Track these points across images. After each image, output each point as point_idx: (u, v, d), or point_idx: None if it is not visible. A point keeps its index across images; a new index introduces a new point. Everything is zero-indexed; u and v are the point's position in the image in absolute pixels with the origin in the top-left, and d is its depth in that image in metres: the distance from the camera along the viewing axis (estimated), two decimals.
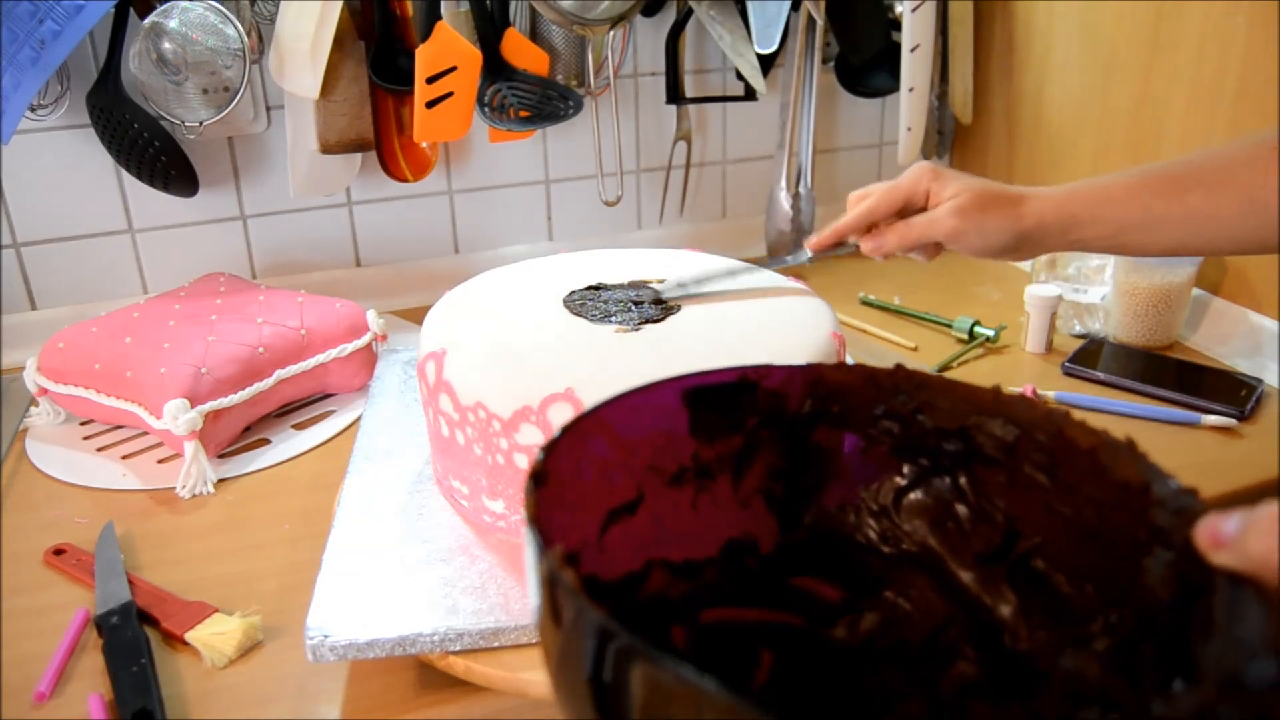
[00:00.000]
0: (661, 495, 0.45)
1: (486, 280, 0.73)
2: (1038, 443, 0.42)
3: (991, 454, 0.43)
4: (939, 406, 0.45)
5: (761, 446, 0.47)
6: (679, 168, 1.20)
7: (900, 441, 0.46)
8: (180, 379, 0.77)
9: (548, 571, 0.31)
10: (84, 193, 0.99)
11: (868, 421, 0.46)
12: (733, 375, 0.45)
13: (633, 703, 0.29)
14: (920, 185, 0.68)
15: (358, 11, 0.96)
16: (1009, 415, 0.43)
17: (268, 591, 0.65)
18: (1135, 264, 0.94)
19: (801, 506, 0.48)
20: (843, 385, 0.46)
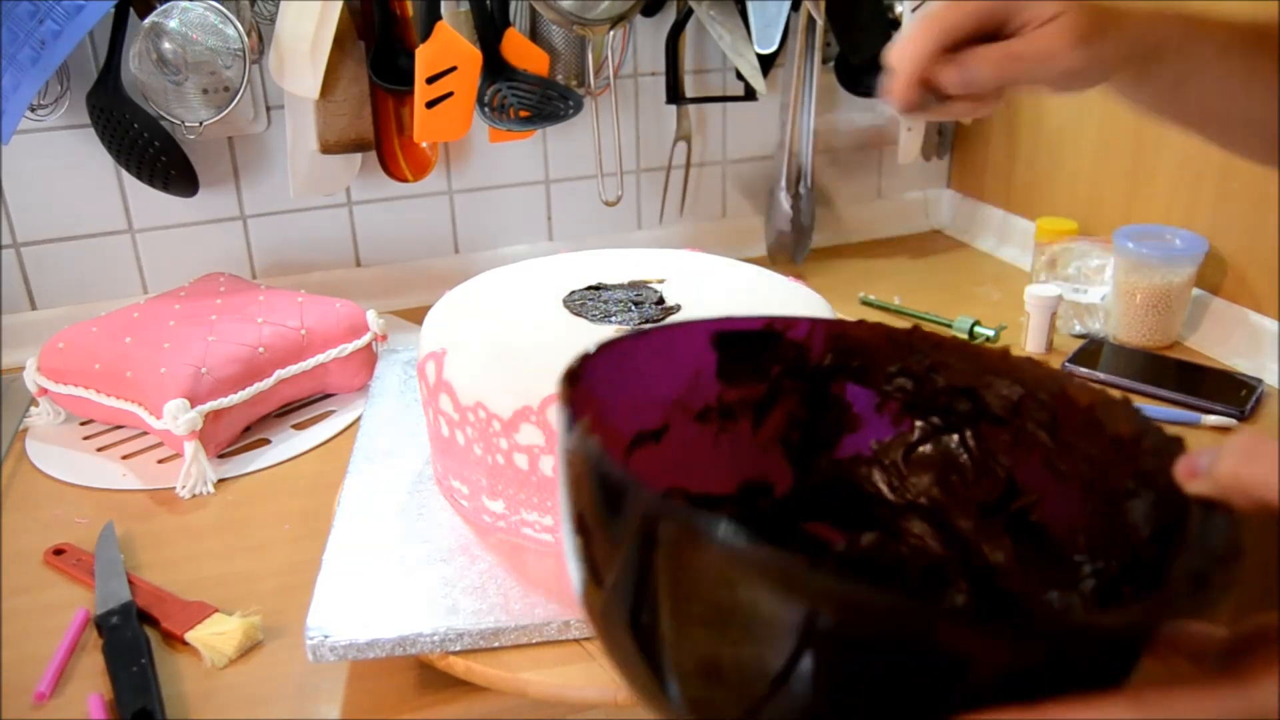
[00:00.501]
0: (686, 429, 0.47)
1: (486, 280, 0.73)
2: (1040, 401, 0.44)
3: (998, 413, 0.46)
4: (952, 366, 0.47)
5: (783, 395, 0.49)
6: (679, 168, 1.20)
7: (913, 398, 0.48)
8: (180, 379, 0.77)
9: (579, 443, 0.33)
10: (84, 193, 0.99)
11: (884, 378, 0.49)
12: (759, 324, 0.48)
13: (663, 575, 0.30)
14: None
15: (358, 11, 0.96)
16: (1016, 375, 0.45)
17: (268, 591, 0.65)
18: (1135, 264, 0.94)
19: (816, 455, 0.50)
20: (863, 341, 0.48)
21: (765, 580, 0.28)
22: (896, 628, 0.27)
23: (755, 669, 0.29)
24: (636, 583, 0.31)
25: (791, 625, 0.28)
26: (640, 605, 0.31)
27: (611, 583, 0.33)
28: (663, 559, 0.30)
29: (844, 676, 0.29)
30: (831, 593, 0.27)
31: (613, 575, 0.32)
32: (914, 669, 0.28)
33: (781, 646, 0.28)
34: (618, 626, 0.33)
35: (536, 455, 0.57)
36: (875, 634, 0.28)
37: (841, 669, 0.28)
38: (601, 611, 0.34)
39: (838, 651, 0.28)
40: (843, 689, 0.29)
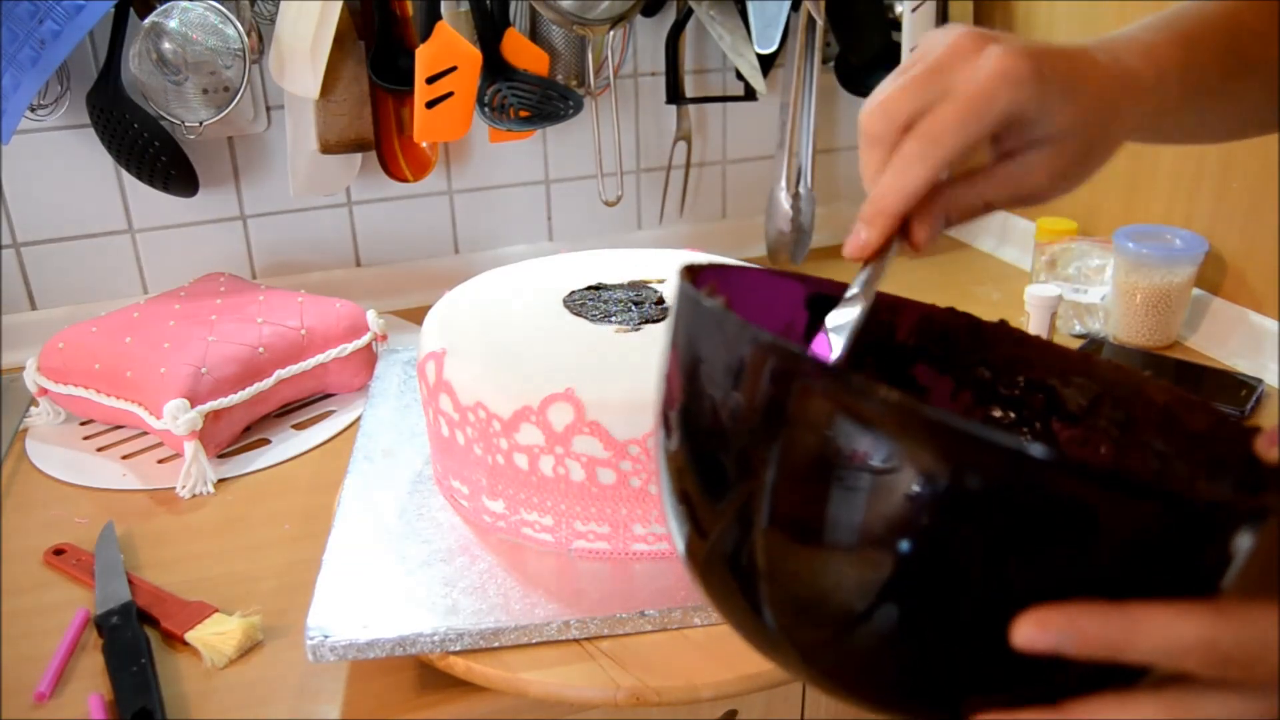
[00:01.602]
0: None
1: (486, 280, 0.73)
2: (1116, 399, 0.44)
3: (1073, 410, 0.46)
4: (1032, 362, 0.47)
5: (864, 369, 0.49)
6: (679, 168, 1.20)
7: (989, 389, 0.48)
8: (180, 379, 0.77)
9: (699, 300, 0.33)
10: (84, 193, 0.99)
11: (963, 367, 0.49)
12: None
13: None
14: (1013, 106, 0.39)
15: (358, 11, 0.96)
16: (1094, 375, 0.45)
17: (268, 591, 0.65)
18: (1135, 264, 0.94)
19: None
20: (949, 328, 0.49)
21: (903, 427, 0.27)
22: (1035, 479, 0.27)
23: (870, 547, 0.29)
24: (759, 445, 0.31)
25: (924, 480, 0.28)
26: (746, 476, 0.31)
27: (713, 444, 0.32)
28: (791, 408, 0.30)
29: (958, 557, 0.28)
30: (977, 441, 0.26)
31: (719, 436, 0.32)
32: (1033, 540, 0.27)
33: (901, 512, 0.28)
34: (729, 540, 0.33)
35: (536, 455, 0.57)
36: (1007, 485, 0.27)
37: (959, 543, 0.28)
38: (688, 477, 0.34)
39: (962, 518, 0.28)
40: (955, 571, 0.28)
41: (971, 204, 0.42)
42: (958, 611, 0.29)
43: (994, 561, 0.28)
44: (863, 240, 0.40)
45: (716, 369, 0.33)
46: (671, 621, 0.56)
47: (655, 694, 0.52)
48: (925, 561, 0.29)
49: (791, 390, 0.30)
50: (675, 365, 0.35)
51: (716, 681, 0.52)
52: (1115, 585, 0.28)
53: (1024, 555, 0.28)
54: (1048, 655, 0.28)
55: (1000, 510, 0.27)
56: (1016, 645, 0.28)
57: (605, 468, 0.57)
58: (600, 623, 0.55)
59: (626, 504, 0.58)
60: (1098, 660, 0.28)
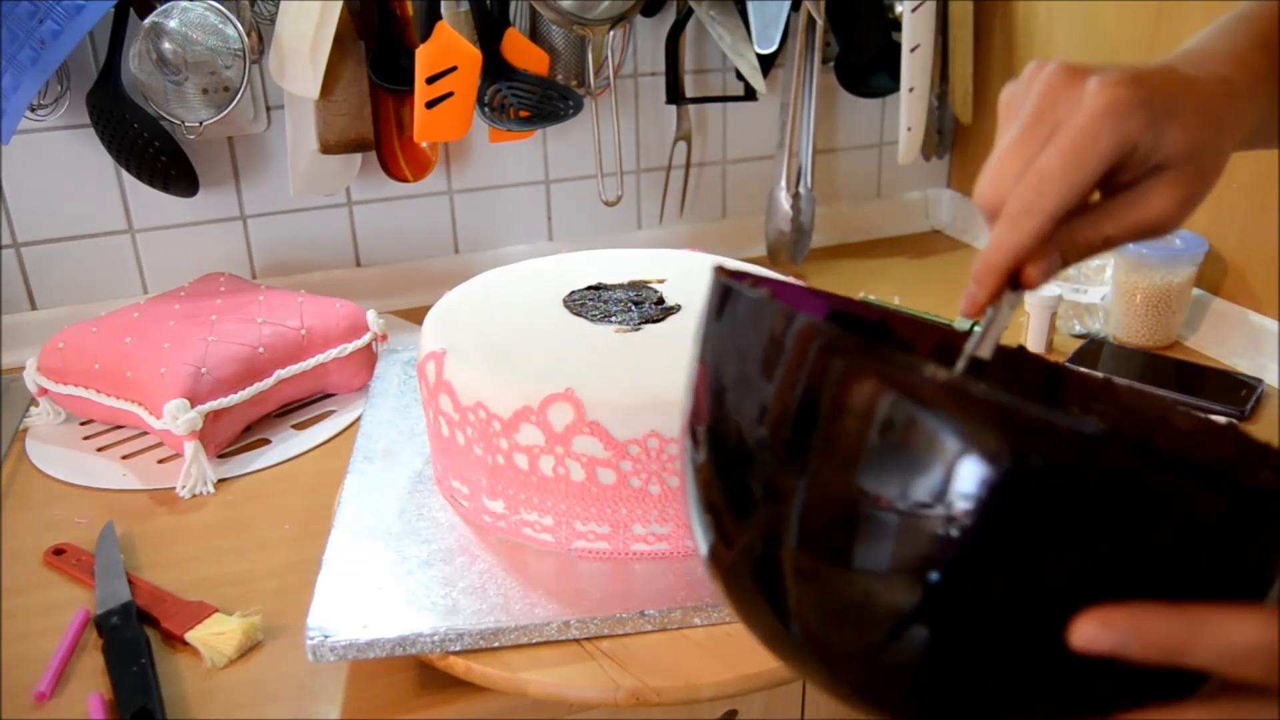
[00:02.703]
0: None
1: (486, 280, 0.73)
2: (1137, 424, 0.43)
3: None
4: (1051, 387, 0.46)
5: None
6: (679, 168, 1.20)
7: None
8: (180, 379, 0.77)
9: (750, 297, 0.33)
10: (84, 193, 0.99)
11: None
12: (875, 314, 0.48)
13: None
14: (1128, 141, 0.37)
15: (358, 11, 0.96)
16: (1116, 402, 0.44)
17: (268, 591, 0.65)
18: (1135, 264, 0.94)
19: None
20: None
21: (961, 409, 0.27)
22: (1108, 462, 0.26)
23: (919, 538, 0.28)
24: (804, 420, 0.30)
25: (981, 464, 0.26)
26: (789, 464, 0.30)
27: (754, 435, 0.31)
28: (830, 386, 0.29)
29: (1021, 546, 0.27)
30: (1041, 423, 0.25)
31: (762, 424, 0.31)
32: (1093, 530, 0.26)
33: (956, 503, 0.27)
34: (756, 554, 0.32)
35: (536, 455, 0.57)
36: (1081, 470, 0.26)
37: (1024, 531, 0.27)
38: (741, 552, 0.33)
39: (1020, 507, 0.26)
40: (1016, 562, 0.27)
41: (1090, 240, 0.40)
42: (1008, 614, 0.28)
43: (1051, 557, 0.27)
44: (973, 298, 0.40)
45: (755, 362, 0.32)
46: (671, 621, 0.56)
47: (655, 694, 0.52)
48: (976, 558, 0.27)
49: (843, 373, 0.29)
50: (705, 375, 0.35)
51: (716, 681, 0.52)
52: (1173, 582, 0.27)
53: (1082, 548, 0.27)
54: (1101, 659, 0.27)
55: (1061, 497, 0.26)
56: (1076, 646, 0.27)
57: (605, 468, 0.57)
58: (600, 623, 0.55)
59: (626, 504, 0.58)
60: (1156, 664, 0.27)
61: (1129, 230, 0.40)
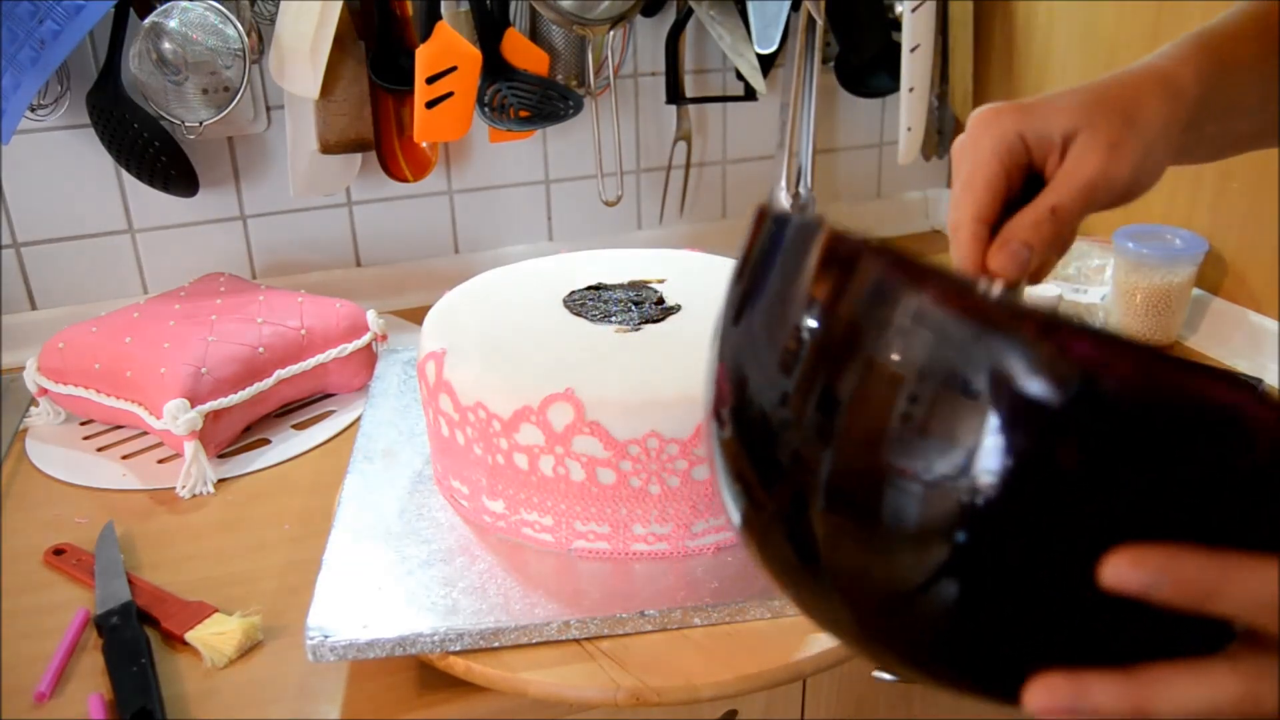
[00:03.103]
0: None
1: (486, 280, 0.73)
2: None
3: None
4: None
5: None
6: (679, 168, 1.20)
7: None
8: (180, 379, 0.77)
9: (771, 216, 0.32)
10: (84, 193, 0.99)
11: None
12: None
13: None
14: (1016, 143, 0.44)
15: (358, 11, 0.96)
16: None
17: (268, 591, 0.65)
18: (1135, 264, 0.94)
19: None
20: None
21: (1019, 327, 0.25)
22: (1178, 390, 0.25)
23: (960, 466, 0.27)
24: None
25: (1044, 386, 0.25)
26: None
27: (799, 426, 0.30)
28: (899, 310, 0.27)
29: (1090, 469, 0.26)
30: (1111, 343, 0.25)
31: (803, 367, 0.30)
32: (1147, 461, 0.25)
33: (1008, 429, 0.26)
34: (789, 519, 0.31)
35: (536, 455, 0.57)
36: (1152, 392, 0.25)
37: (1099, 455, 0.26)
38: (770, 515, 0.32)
39: (1072, 433, 0.25)
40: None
41: (1037, 216, 0.43)
42: (1045, 549, 0.27)
43: (1101, 489, 0.26)
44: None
45: (796, 296, 0.30)
46: (671, 621, 0.56)
47: (655, 694, 0.52)
48: (1025, 492, 0.26)
49: (899, 295, 0.27)
50: (733, 345, 0.33)
51: (716, 681, 0.52)
52: (1216, 526, 0.26)
53: (1134, 481, 0.26)
54: (1131, 605, 0.26)
55: (1126, 424, 0.25)
56: (1106, 583, 0.26)
57: (605, 468, 0.57)
58: (600, 623, 0.55)
59: (626, 504, 0.58)
60: (1185, 609, 0.26)
61: (1074, 194, 0.44)
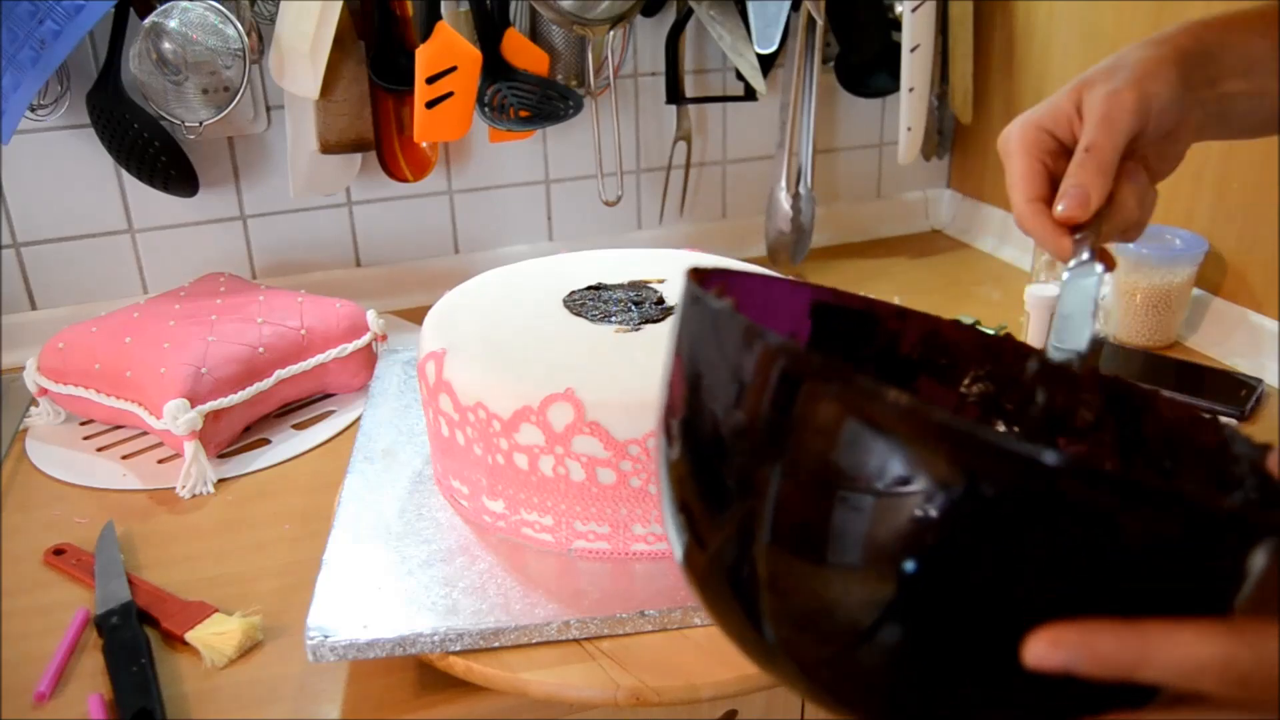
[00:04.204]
0: None
1: (486, 280, 0.73)
2: (1123, 415, 0.44)
3: (1078, 425, 0.45)
4: (1036, 376, 0.47)
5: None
6: (679, 168, 1.20)
7: (992, 405, 0.48)
8: (180, 379, 0.77)
9: (713, 306, 0.32)
10: (84, 193, 0.99)
11: (968, 381, 0.48)
12: (860, 303, 0.48)
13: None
14: (1066, 110, 0.52)
15: (358, 11, 0.96)
16: (1100, 389, 0.45)
17: (268, 591, 0.65)
18: (1135, 264, 0.94)
19: None
20: (955, 342, 0.48)
21: (917, 433, 0.27)
22: (1049, 484, 0.26)
23: (880, 554, 0.28)
24: (770, 440, 0.30)
25: (937, 488, 0.27)
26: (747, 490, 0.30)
27: (717, 451, 0.32)
28: (800, 411, 0.29)
29: (973, 563, 0.27)
30: (994, 449, 0.26)
31: (723, 442, 0.31)
32: (1047, 552, 0.26)
33: (913, 523, 0.27)
34: (724, 569, 0.32)
35: (536, 455, 0.57)
36: (1025, 491, 0.26)
37: (972, 551, 0.27)
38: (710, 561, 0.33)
39: (974, 528, 0.27)
40: (968, 579, 0.27)
41: (1077, 160, 0.49)
42: (966, 628, 0.28)
43: (1006, 575, 0.27)
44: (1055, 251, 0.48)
45: (722, 372, 0.32)
46: (671, 621, 0.56)
47: (655, 694, 0.52)
48: (935, 575, 0.28)
49: (801, 394, 0.29)
50: (679, 371, 0.35)
51: (716, 681, 0.52)
52: (1129, 599, 0.27)
53: (1037, 568, 0.27)
54: (1058, 675, 0.27)
55: (1015, 520, 0.27)
56: (1028, 664, 0.27)
57: (605, 468, 0.57)
58: (600, 623, 0.55)
59: (626, 504, 0.58)
60: (1109, 680, 0.27)
61: (1096, 131, 0.50)
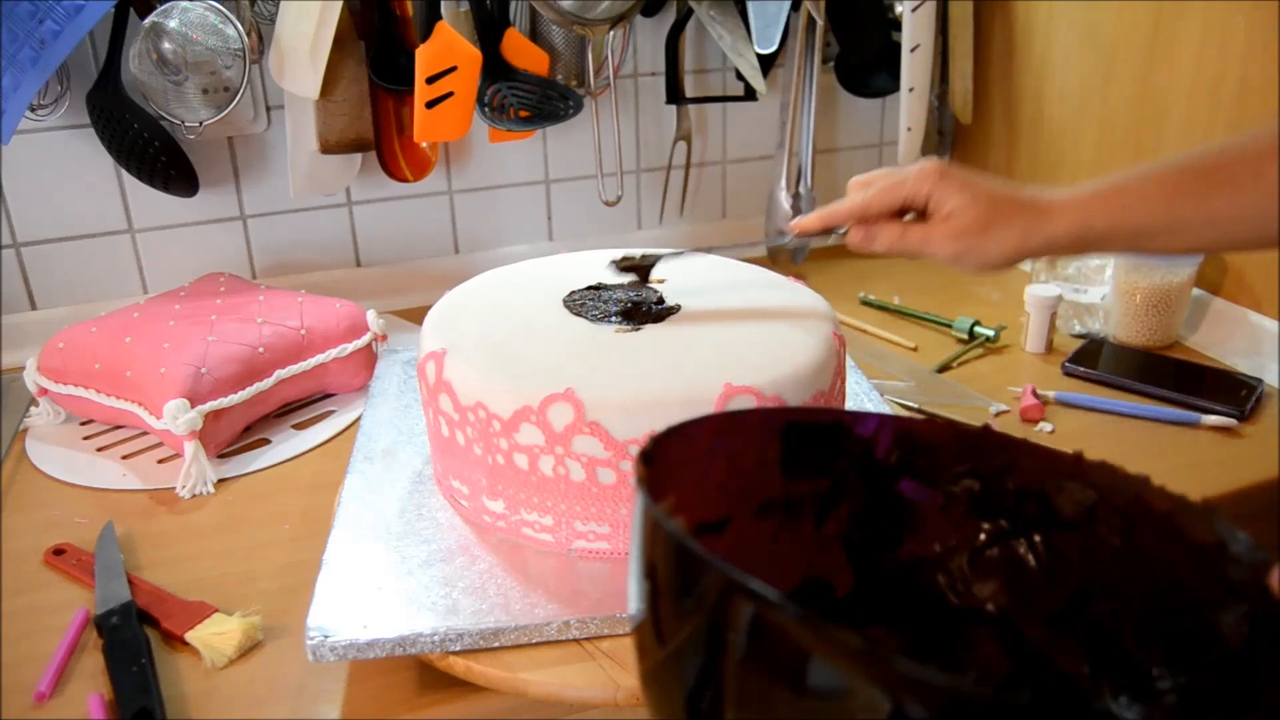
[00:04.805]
0: (747, 523, 0.46)
1: (486, 280, 0.73)
2: (1115, 506, 0.43)
3: (1069, 517, 0.45)
4: (1021, 467, 0.46)
5: (847, 492, 0.48)
6: (679, 168, 1.20)
7: (980, 501, 0.47)
8: (180, 379, 0.77)
9: (659, 523, 0.33)
10: (84, 193, 0.99)
11: (950, 478, 0.48)
12: (828, 417, 0.47)
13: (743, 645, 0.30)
14: (922, 190, 0.61)
15: (358, 11, 0.96)
16: (1089, 479, 0.44)
17: (268, 591, 0.65)
18: (1135, 264, 0.94)
19: (878, 556, 0.49)
20: (930, 440, 0.48)
21: (849, 665, 0.28)
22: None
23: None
24: (701, 664, 0.32)
25: (871, 713, 0.28)
26: (702, 685, 0.32)
27: (673, 649, 0.33)
28: (734, 635, 0.30)
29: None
30: (918, 681, 0.27)
31: (675, 643, 0.33)
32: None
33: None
34: (673, 692, 0.34)
35: (536, 455, 0.57)
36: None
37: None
38: (655, 670, 0.35)
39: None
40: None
41: (888, 243, 0.63)
42: None
43: None
44: (799, 224, 0.66)
45: (675, 588, 0.33)
46: None
47: None
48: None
49: (747, 623, 0.30)
50: (637, 570, 0.36)
51: None
52: None
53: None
54: None
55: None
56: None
57: (605, 468, 0.57)
58: (600, 623, 0.55)
59: (626, 504, 0.58)
60: None
61: (908, 243, 0.63)
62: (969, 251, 0.61)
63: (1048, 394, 0.87)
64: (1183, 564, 0.40)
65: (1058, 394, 0.87)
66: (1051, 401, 0.87)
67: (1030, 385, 0.88)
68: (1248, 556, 0.37)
